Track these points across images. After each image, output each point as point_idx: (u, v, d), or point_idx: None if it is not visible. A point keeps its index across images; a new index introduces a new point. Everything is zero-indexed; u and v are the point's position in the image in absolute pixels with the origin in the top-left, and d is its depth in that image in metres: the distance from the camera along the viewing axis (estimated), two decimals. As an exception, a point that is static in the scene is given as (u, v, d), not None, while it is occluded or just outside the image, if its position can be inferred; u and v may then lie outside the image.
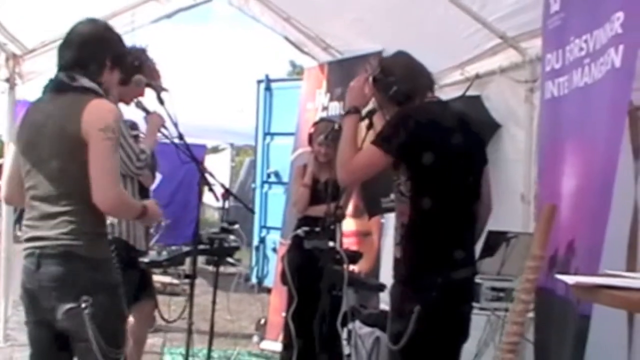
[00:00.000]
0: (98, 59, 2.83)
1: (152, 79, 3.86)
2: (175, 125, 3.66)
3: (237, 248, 4.09)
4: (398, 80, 3.03)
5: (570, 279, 1.60)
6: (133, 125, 3.99)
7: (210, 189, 3.76)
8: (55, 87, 2.81)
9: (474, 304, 3.83)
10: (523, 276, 2.23)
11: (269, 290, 7.00)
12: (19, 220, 12.71)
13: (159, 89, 3.70)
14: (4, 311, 5.90)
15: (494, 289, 3.82)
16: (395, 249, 3.02)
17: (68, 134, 2.70)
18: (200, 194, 3.66)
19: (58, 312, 2.70)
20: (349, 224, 5.61)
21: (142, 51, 3.92)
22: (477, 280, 3.90)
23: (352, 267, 4.18)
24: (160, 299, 5.06)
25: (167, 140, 3.87)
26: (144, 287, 4.11)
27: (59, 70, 2.82)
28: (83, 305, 2.66)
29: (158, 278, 7.12)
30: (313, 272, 4.29)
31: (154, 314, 4.21)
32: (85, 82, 2.77)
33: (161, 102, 3.58)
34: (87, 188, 2.71)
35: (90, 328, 2.66)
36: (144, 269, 3.90)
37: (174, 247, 3.94)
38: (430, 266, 2.90)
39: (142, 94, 3.94)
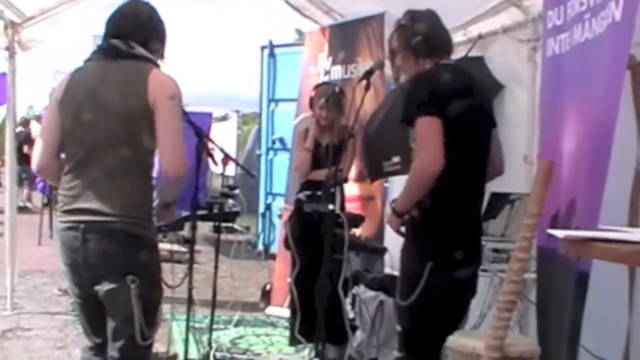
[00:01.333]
0: (152, 34, 2.84)
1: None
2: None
3: (237, 213, 4.07)
4: (423, 32, 3.05)
5: (560, 233, 1.57)
6: None
7: (209, 154, 3.73)
8: (111, 53, 2.75)
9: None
10: (520, 234, 2.19)
11: (275, 257, 7.00)
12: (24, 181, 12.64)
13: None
14: (10, 280, 5.94)
15: (496, 250, 3.79)
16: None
17: (134, 99, 2.64)
18: (198, 158, 3.62)
19: (101, 287, 2.67)
20: (352, 189, 5.58)
21: None
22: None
23: (354, 230, 4.17)
24: (167, 266, 5.08)
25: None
26: None
27: (112, 38, 2.77)
28: (131, 285, 2.62)
29: (164, 246, 7.13)
30: (315, 236, 4.28)
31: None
32: (142, 51, 2.75)
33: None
34: (147, 161, 2.69)
35: (136, 307, 2.63)
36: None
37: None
38: (445, 224, 2.94)
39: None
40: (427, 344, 2.93)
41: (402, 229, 3.08)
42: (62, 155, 2.79)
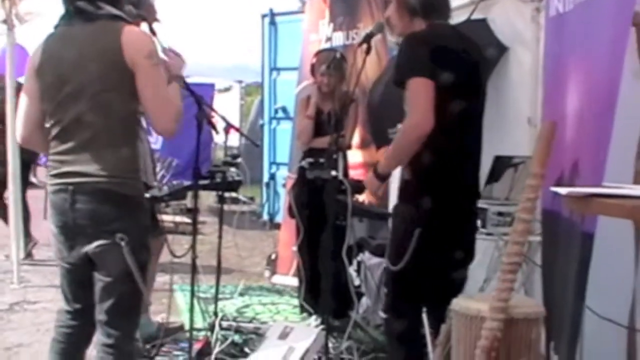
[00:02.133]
0: None
1: (149, 14, 3.77)
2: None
3: (239, 182, 4.05)
4: None
5: (563, 190, 1.54)
6: None
7: (209, 122, 3.70)
8: (79, 17, 2.71)
9: (481, 229, 3.82)
10: (523, 195, 2.17)
11: (280, 227, 7.00)
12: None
13: (150, 20, 3.61)
14: (16, 253, 5.95)
15: (500, 214, 3.76)
16: (404, 170, 2.98)
17: (110, 62, 2.62)
18: (199, 127, 3.59)
19: (90, 247, 2.68)
20: (356, 156, 5.55)
21: None
22: (483, 205, 3.87)
23: (358, 197, 4.15)
24: (173, 237, 5.09)
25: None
26: (152, 224, 4.11)
27: (76, 0, 2.71)
28: (122, 243, 2.64)
29: (170, 217, 7.15)
30: (319, 203, 4.27)
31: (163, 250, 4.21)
32: (111, 9, 2.71)
33: (153, 32, 3.48)
34: (127, 122, 2.68)
35: (132, 263, 2.65)
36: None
37: (174, 182, 3.89)
38: (437, 187, 2.88)
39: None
40: (412, 308, 2.91)
41: (380, 191, 3.02)
42: (46, 124, 2.78)
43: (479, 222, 3.84)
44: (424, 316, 3.09)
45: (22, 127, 2.85)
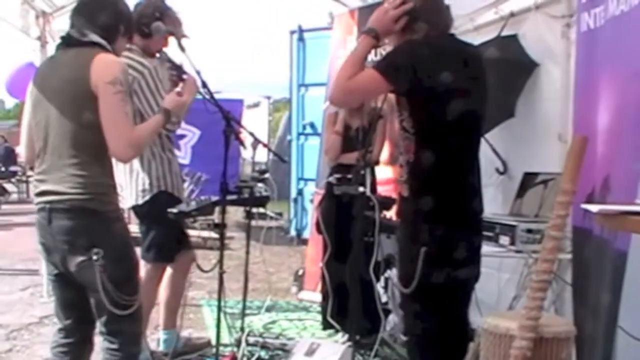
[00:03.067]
0: (111, 20, 2.88)
1: (175, 27, 3.81)
2: (198, 73, 3.60)
3: (267, 198, 4.04)
4: (412, 12, 2.83)
5: (594, 207, 1.51)
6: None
7: (237, 137, 3.71)
8: (65, 42, 2.86)
9: (510, 247, 3.77)
10: (554, 212, 2.13)
11: (307, 242, 6.98)
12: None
13: (179, 36, 3.64)
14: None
15: (530, 231, 3.72)
16: (401, 187, 2.90)
17: (77, 86, 2.73)
18: (227, 142, 3.60)
19: (71, 264, 2.77)
20: (385, 172, 5.53)
21: (161, 1, 3.87)
22: (512, 222, 3.82)
23: (386, 213, 4.13)
24: (201, 253, 5.10)
25: (200, 96, 3.82)
26: (180, 238, 4.13)
27: (70, 27, 2.87)
28: (94, 257, 2.71)
29: (199, 232, 7.18)
30: (346, 219, 4.25)
31: (191, 265, 4.22)
32: (93, 37, 2.82)
33: (182, 49, 3.51)
34: (96, 141, 2.75)
35: (99, 279, 2.72)
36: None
37: (202, 198, 3.90)
38: (437, 203, 2.76)
39: (165, 44, 3.90)
40: (432, 329, 2.82)
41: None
42: None
43: (507, 240, 3.81)
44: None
45: (25, 149, 2.99)
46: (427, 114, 2.74)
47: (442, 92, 2.70)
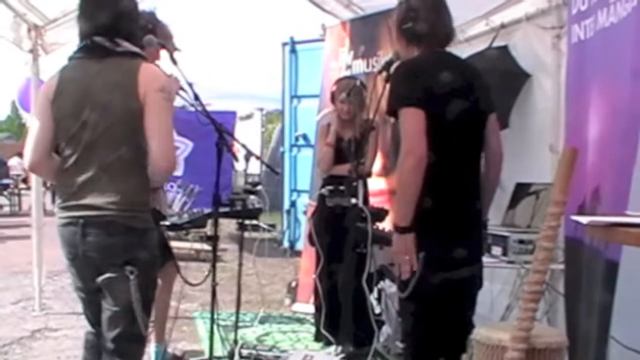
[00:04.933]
0: (132, 22, 2.83)
1: (166, 40, 3.81)
2: (190, 85, 3.60)
3: (259, 210, 4.04)
4: (415, 19, 2.93)
5: (584, 219, 1.52)
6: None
7: (229, 150, 3.71)
8: (98, 52, 2.76)
9: (502, 257, 3.78)
10: (545, 223, 2.14)
11: (300, 254, 6.98)
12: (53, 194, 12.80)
13: (171, 49, 3.64)
14: (38, 281, 5.98)
15: (522, 241, 3.73)
16: None
17: (125, 97, 2.66)
18: (219, 154, 3.60)
19: (100, 278, 2.71)
20: (378, 183, 5.53)
21: (152, 14, 3.88)
22: (505, 232, 3.83)
23: (378, 224, 4.13)
24: (194, 265, 5.11)
25: (193, 108, 3.82)
26: (164, 252, 4.12)
27: (95, 35, 2.76)
28: (130, 276, 2.67)
29: (190, 245, 7.16)
30: (339, 231, 4.25)
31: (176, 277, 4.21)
32: (129, 46, 2.77)
33: (174, 62, 3.51)
34: (138, 155, 2.69)
35: (135, 298, 2.67)
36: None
37: (195, 210, 3.90)
38: (436, 214, 2.80)
39: (157, 57, 3.89)
40: (427, 336, 2.84)
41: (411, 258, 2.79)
42: (61, 155, 2.82)
43: (500, 250, 3.82)
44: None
45: (32, 153, 2.86)
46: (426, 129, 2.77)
47: (439, 108, 2.76)
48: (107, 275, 2.69)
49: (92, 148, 2.70)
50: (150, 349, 4.31)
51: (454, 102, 2.79)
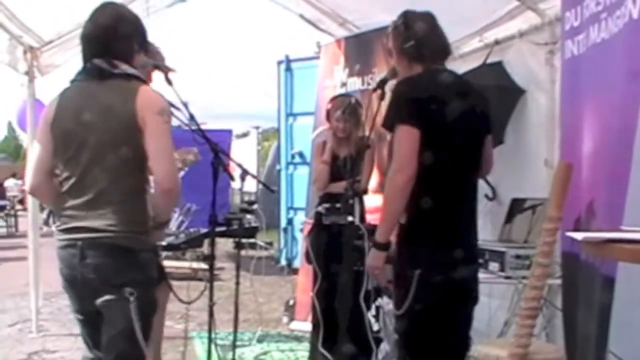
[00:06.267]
0: (129, 44, 2.82)
1: (157, 61, 3.82)
2: (186, 105, 3.60)
3: (256, 229, 4.04)
4: (416, 37, 2.98)
5: (579, 235, 1.52)
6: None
7: (225, 169, 3.71)
8: (96, 74, 2.76)
9: (499, 273, 3.78)
10: (541, 239, 2.14)
11: (298, 272, 6.96)
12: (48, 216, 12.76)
13: (165, 70, 3.65)
14: (35, 302, 5.96)
15: (518, 257, 3.73)
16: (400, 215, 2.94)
17: (121, 120, 2.66)
18: (215, 174, 3.60)
19: (99, 300, 2.69)
20: (374, 200, 5.53)
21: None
22: (501, 248, 3.84)
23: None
24: (192, 284, 5.04)
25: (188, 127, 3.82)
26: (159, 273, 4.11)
27: (92, 57, 2.77)
28: (130, 298, 2.65)
29: (188, 264, 7.15)
30: (336, 248, 4.25)
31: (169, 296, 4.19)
32: (127, 68, 2.77)
33: (169, 82, 3.52)
34: (136, 177, 2.70)
35: (135, 320, 2.65)
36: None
37: (191, 230, 3.89)
38: (431, 230, 2.84)
39: (150, 79, 3.90)
40: (425, 352, 2.85)
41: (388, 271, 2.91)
42: (58, 178, 2.81)
43: (497, 266, 3.82)
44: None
45: (32, 176, 2.87)
46: (421, 147, 2.78)
47: (435, 125, 2.79)
48: (106, 297, 2.67)
49: (90, 170, 2.70)
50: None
51: (452, 123, 2.81)
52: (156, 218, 2.81)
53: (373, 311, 4.61)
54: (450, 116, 2.80)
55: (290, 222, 9.45)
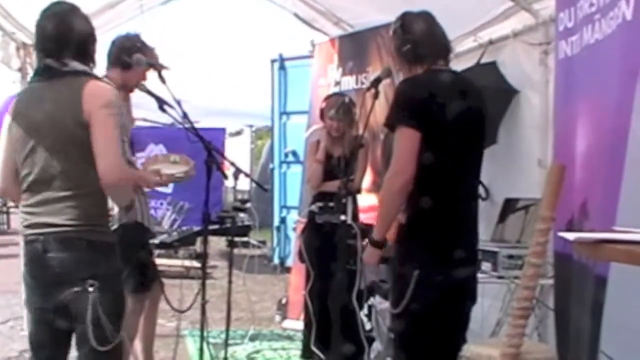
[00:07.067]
0: (83, 40, 2.81)
1: (153, 60, 3.83)
2: (179, 103, 3.60)
3: (248, 227, 4.04)
4: (414, 39, 2.98)
5: (571, 236, 1.52)
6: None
7: (218, 168, 3.71)
8: (46, 74, 2.79)
9: (492, 273, 3.79)
10: (533, 239, 2.15)
11: (291, 270, 6.96)
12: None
13: (159, 68, 3.65)
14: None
15: (511, 257, 3.74)
16: (400, 214, 2.95)
17: (70, 117, 2.69)
18: (208, 172, 3.60)
19: (63, 295, 2.69)
20: (368, 199, 5.54)
21: (137, 36, 3.91)
22: (494, 248, 3.84)
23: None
24: (185, 283, 5.06)
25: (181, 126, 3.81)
26: (151, 271, 4.12)
27: (45, 57, 2.78)
28: (90, 289, 2.66)
29: (181, 262, 7.13)
30: (329, 248, 4.25)
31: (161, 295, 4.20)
32: (76, 65, 2.78)
33: (163, 80, 3.52)
34: (90, 172, 2.70)
35: (90, 312, 2.66)
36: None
37: (184, 228, 3.89)
38: (431, 230, 2.84)
39: (144, 77, 3.90)
40: (420, 352, 2.85)
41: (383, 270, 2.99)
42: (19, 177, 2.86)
43: (489, 266, 3.82)
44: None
45: (1, 179, 2.90)
46: (425, 146, 2.79)
47: (437, 125, 2.79)
48: (72, 290, 2.68)
49: (45, 169, 2.74)
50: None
51: (453, 123, 2.81)
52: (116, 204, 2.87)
53: (365, 310, 4.62)
54: (450, 117, 2.80)
55: (283, 220, 9.44)
